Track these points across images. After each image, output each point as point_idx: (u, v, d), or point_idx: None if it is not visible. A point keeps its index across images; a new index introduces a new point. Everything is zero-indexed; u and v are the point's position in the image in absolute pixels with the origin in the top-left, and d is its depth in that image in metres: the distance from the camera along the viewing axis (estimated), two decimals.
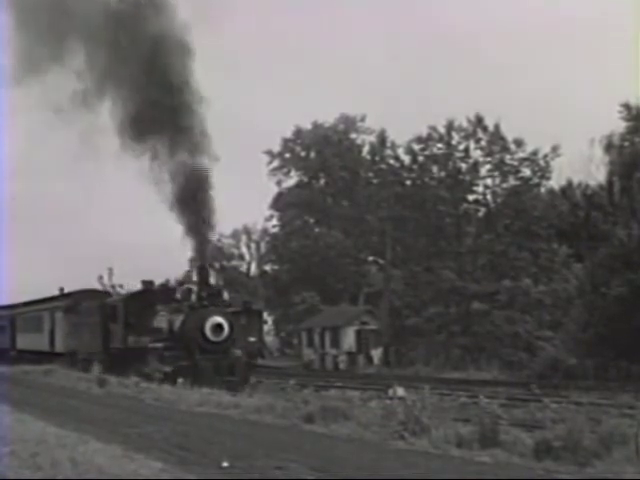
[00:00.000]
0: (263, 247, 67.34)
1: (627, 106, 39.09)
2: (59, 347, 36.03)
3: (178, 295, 25.66)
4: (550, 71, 76.55)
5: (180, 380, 19.72)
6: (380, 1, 79.27)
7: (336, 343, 45.85)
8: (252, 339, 26.62)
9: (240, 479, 7.95)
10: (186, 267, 69.08)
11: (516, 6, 78.39)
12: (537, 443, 9.10)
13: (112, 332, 28.35)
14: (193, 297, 24.31)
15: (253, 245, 70.68)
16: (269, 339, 56.66)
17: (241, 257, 70.03)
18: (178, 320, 23.96)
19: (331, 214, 59.44)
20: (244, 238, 70.77)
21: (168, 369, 22.21)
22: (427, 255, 47.62)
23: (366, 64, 77.03)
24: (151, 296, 27.03)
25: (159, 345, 24.05)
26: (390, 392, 18.44)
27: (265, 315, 51.05)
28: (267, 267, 65.83)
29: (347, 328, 45.91)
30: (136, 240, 66.25)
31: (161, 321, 25.15)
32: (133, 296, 28.60)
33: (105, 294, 35.76)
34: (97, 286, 45.95)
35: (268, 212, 62.11)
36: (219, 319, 22.90)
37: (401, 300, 47.00)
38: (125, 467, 8.34)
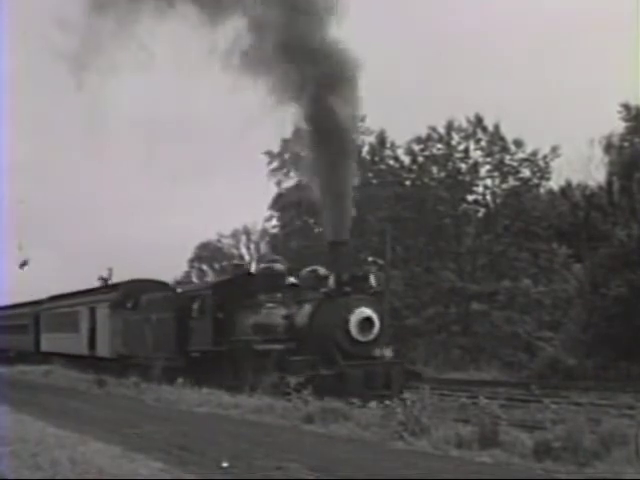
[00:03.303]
0: (263, 247, 67.30)
1: (627, 106, 39.04)
2: (103, 350, 29.60)
3: (292, 279, 20.26)
4: (550, 71, 76.48)
5: (180, 380, 19.24)
6: (380, 1, 79.19)
7: None
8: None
9: (240, 479, 7.95)
10: (185, 268, 69.41)
11: (516, 6, 78.37)
12: (537, 443, 9.11)
13: (194, 331, 22.37)
14: (330, 282, 18.16)
15: (253, 245, 70.75)
16: None
17: (241, 257, 70.06)
18: (303, 313, 18.35)
19: None
20: (244, 238, 70.90)
21: (299, 379, 15.79)
22: (427, 255, 47.57)
23: (366, 64, 76.81)
24: (248, 283, 21.29)
25: (278, 347, 18.15)
26: None
27: None
28: None
29: None
30: (135, 240, 66.27)
31: (271, 315, 19.54)
32: (222, 284, 22.58)
33: (165, 285, 29.49)
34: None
35: (268, 212, 62.12)
36: (368, 311, 17.53)
37: (401, 300, 46.93)
38: (125, 467, 8.35)
